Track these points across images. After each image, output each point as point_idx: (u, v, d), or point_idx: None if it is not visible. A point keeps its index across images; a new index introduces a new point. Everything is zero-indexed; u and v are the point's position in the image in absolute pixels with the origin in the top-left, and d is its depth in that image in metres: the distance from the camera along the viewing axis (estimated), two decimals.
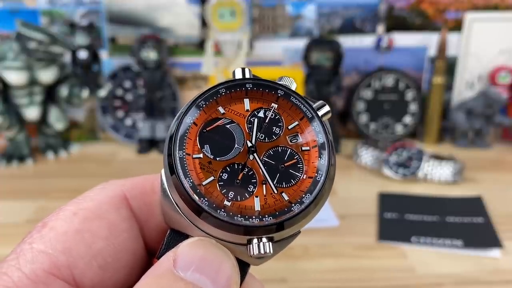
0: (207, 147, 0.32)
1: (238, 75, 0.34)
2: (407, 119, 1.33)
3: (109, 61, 1.34)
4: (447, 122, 1.35)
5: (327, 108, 0.33)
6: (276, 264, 0.78)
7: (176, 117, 0.32)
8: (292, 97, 0.33)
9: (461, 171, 1.08)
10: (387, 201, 0.99)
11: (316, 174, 0.31)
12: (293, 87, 0.34)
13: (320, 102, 0.34)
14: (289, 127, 0.33)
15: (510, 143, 1.34)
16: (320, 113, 0.33)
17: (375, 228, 0.89)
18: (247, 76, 0.34)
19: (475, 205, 0.97)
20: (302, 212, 0.30)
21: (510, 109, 1.34)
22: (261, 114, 0.33)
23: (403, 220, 0.92)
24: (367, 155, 1.16)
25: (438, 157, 1.12)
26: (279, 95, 0.33)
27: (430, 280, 0.75)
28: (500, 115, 1.31)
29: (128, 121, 1.35)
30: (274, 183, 0.31)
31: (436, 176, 1.07)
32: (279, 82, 0.34)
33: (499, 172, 1.16)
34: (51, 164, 1.24)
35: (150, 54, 1.27)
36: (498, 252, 0.81)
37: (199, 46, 1.35)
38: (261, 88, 0.33)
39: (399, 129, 1.34)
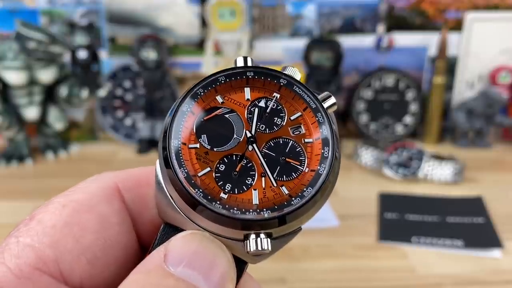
0: (204, 137, 0.30)
1: (240, 63, 0.32)
2: (408, 119, 1.33)
3: (108, 61, 1.34)
4: (448, 122, 1.35)
5: (332, 99, 0.32)
6: (276, 264, 0.78)
7: (173, 105, 0.31)
8: (295, 87, 0.32)
9: (461, 171, 1.07)
10: (387, 201, 0.99)
11: (318, 167, 0.29)
12: (297, 77, 0.32)
13: (326, 93, 0.32)
14: (292, 118, 0.31)
15: (511, 143, 1.34)
16: (326, 104, 0.32)
17: (375, 228, 0.89)
18: (249, 64, 0.32)
19: (475, 205, 0.97)
20: (303, 207, 0.28)
21: (510, 109, 1.34)
22: (262, 104, 0.31)
23: (403, 220, 0.91)
24: (367, 155, 1.16)
25: (439, 157, 1.11)
26: (282, 84, 0.32)
27: (430, 280, 0.74)
28: (500, 115, 1.31)
29: (128, 121, 1.35)
30: (274, 176, 0.30)
31: (436, 176, 1.07)
32: (282, 72, 0.32)
33: (499, 172, 1.16)
34: (50, 164, 1.23)
35: (150, 54, 1.27)
36: (498, 252, 0.81)
37: (199, 46, 1.34)
38: (263, 77, 0.32)
39: (399, 129, 1.33)
